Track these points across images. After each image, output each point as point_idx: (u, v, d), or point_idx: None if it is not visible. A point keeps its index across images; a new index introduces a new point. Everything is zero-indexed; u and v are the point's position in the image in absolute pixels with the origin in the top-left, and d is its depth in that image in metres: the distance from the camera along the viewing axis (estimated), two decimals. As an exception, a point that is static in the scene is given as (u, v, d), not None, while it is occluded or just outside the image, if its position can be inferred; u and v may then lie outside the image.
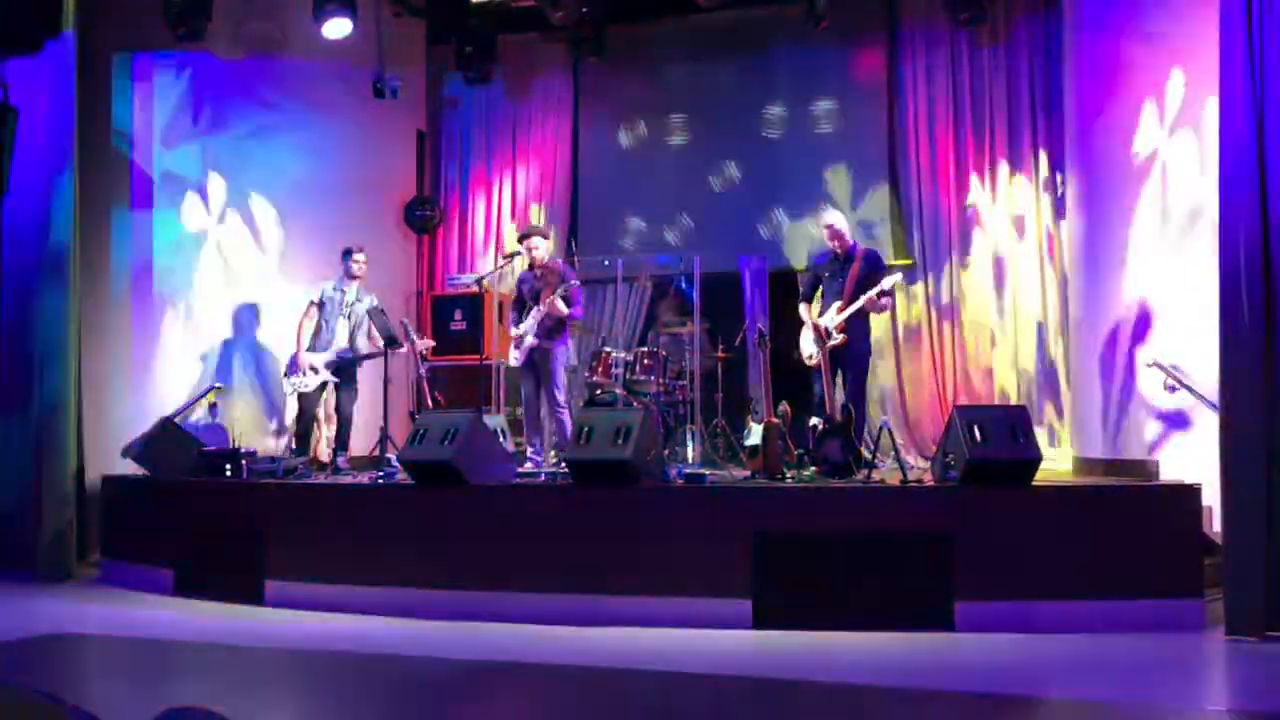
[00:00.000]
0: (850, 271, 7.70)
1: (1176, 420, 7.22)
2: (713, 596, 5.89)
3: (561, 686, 4.90)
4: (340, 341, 8.58)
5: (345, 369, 8.62)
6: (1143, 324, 7.64)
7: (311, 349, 8.55)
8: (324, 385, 8.59)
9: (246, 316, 9.64)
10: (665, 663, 5.15)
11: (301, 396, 8.63)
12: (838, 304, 7.69)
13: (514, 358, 8.18)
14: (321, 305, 8.61)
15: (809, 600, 5.82)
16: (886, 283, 7.67)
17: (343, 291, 8.64)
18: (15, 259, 8.42)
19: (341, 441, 8.66)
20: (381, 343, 8.42)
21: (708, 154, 10.93)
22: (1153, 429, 7.51)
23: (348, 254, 8.70)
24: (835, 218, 8.02)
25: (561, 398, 8.09)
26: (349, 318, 8.61)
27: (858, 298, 7.62)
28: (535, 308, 8.00)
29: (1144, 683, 4.76)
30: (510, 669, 5.19)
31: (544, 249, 8.26)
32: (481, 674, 5.13)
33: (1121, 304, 7.88)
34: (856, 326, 7.71)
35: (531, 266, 8.24)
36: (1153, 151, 7.59)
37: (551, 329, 8.04)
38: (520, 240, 8.45)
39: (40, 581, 7.75)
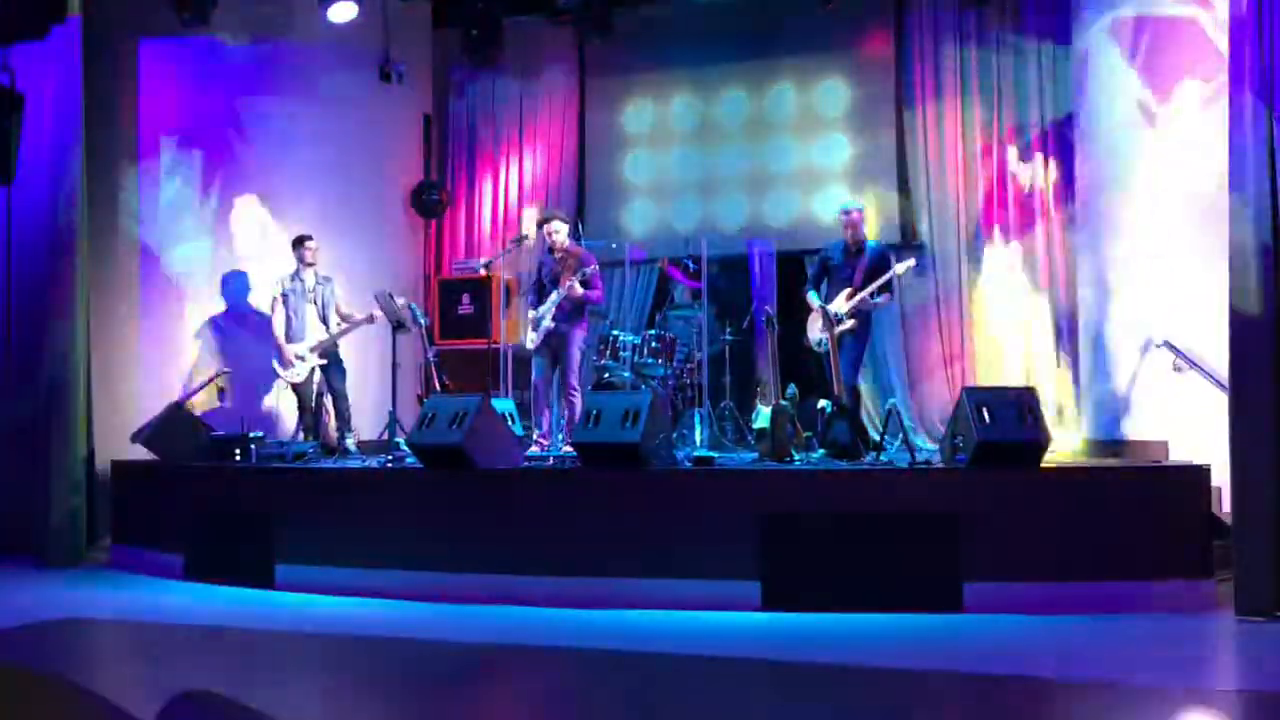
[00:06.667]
0: (860, 263, 7.78)
1: (1186, 401, 7.19)
2: (721, 578, 5.91)
3: (570, 669, 4.91)
4: (315, 327, 8.71)
5: (329, 351, 8.76)
6: (1153, 304, 7.62)
7: (288, 340, 8.68)
8: (313, 370, 8.72)
9: (255, 300, 9.64)
10: (674, 644, 5.16)
11: (296, 387, 8.73)
12: (847, 291, 7.73)
13: (530, 340, 8.17)
14: (285, 297, 8.73)
15: (818, 581, 5.83)
16: (900, 267, 7.74)
17: (301, 280, 8.76)
18: (24, 245, 8.44)
19: (343, 418, 8.75)
20: (359, 315, 8.69)
21: (714, 136, 10.88)
22: (1162, 410, 7.49)
23: (299, 242, 8.82)
24: (855, 207, 8.10)
25: (575, 381, 8.10)
26: (315, 303, 8.73)
27: (868, 285, 7.68)
28: (554, 291, 8.00)
29: (1154, 664, 4.76)
30: (519, 652, 5.21)
31: (564, 233, 8.26)
32: (491, 657, 5.15)
33: (1131, 284, 7.86)
34: (862, 315, 7.80)
35: (552, 250, 8.24)
36: (1163, 129, 7.56)
37: (570, 313, 8.04)
38: (540, 225, 8.45)
39: (50, 566, 7.78)
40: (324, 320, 8.76)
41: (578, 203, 11.17)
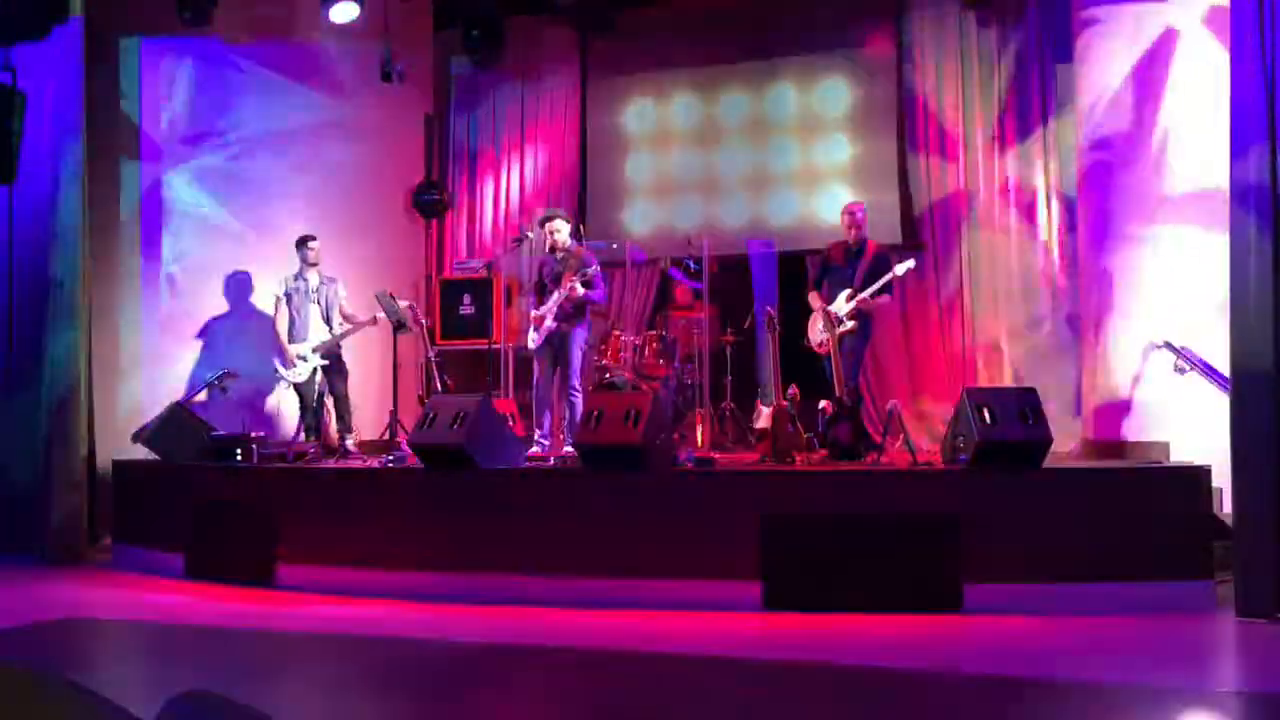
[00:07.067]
0: (860, 263, 7.76)
1: (1186, 402, 7.19)
2: (723, 579, 5.91)
3: (571, 669, 4.91)
4: (318, 327, 8.69)
5: (331, 352, 8.75)
6: (1153, 304, 7.62)
7: (291, 340, 8.66)
8: (315, 371, 8.71)
9: (256, 300, 9.64)
10: (675, 645, 5.16)
11: (298, 387, 8.73)
12: (847, 292, 7.72)
13: (531, 339, 8.17)
14: (289, 297, 8.72)
15: (819, 582, 5.82)
16: (900, 268, 7.72)
17: (305, 280, 8.75)
18: (25, 244, 8.43)
19: (344, 421, 8.74)
20: (362, 317, 8.71)
21: (716, 136, 10.89)
22: (1163, 411, 7.48)
23: (302, 243, 8.81)
24: (857, 205, 8.10)
25: (577, 381, 8.10)
26: (318, 303, 8.72)
27: (868, 286, 7.66)
28: (556, 291, 7.99)
29: (1155, 665, 4.76)
30: (520, 652, 5.20)
31: (566, 232, 8.25)
32: (492, 657, 5.14)
33: (1132, 284, 7.85)
34: (862, 316, 7.78)
35: (553, 250, 8.23)
36: (1164, 129, 7.56)
37: (571, 313, 8.03)
38: (542, 224, 8.45)
39: (51, 565, 7.78)
40: (327, 321, 8.74)
41: (579, 203, 11.18)
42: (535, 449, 7.82)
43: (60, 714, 1.32)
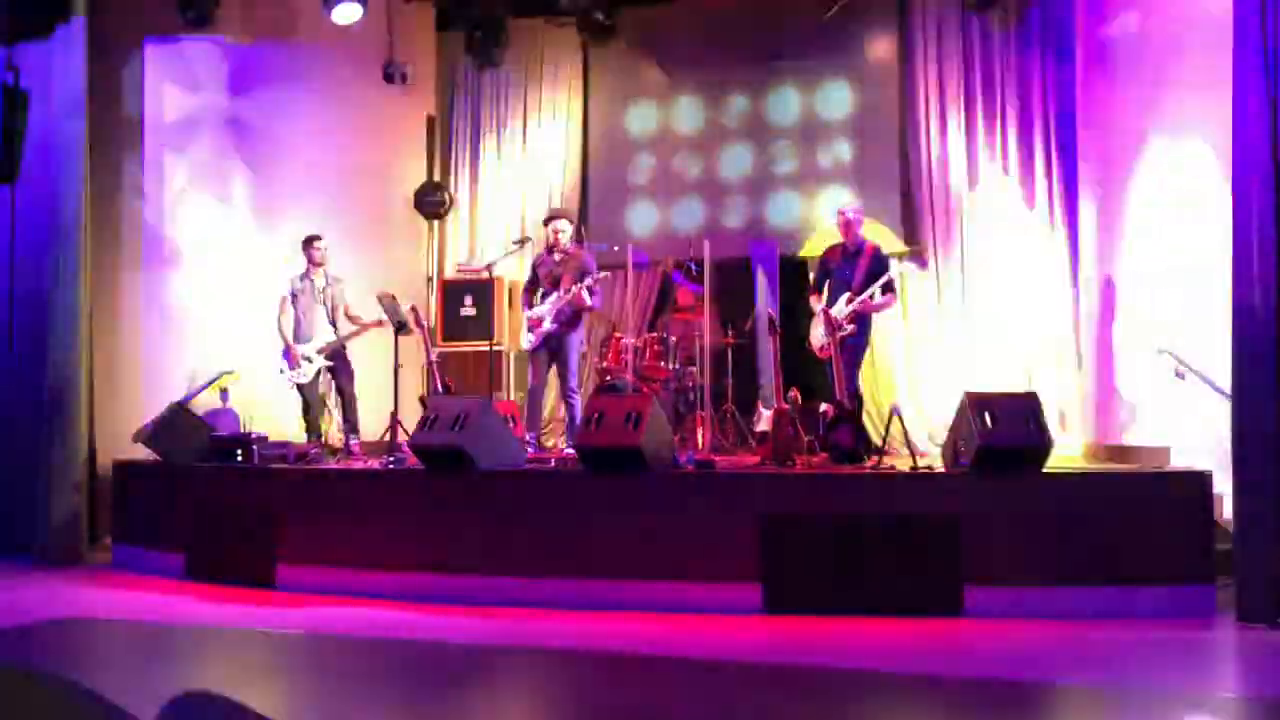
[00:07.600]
0: (858, 265, 7.75)
1: (1187, 407, 7.18)
2: (723, 581, 5.91)
3: (571, 671, 4.91)
4: (323, 328, 8.69)
5: (337, 352, 8.73)
6: (1154, 310, 7.61)
7: (296, 340, 8.67)
8: (319, 372, 8.71)
9: (257, 300, 9.63)
10: (675, 647, 5.16)
11: (301, 387, 8.72)
12: (847, 295, 7.71)
13: (526, 340, 8.14)
14: (295, 297, 8.72)
15: (819, 585, 5.83)
16: (898, 270, 7.70)
17: (311, 280, 8.76)
18: (26, 243, 8.44)
19: (351, 421, 8.74)
20: (366, 319, 8.71)
21: (717, 138, 10.90)
22: (1163, 415, 7.48)
23: (309, 243, 8.83)
24: (849, 208, 8.06)
25: (575, 383, 8.09)
26: (324, 303, 8.72)
27: (867, 288, 7.65)
28: (555, 293, 7.96)
29: (1155, 669, 4.76)
30: (520, 653, 5.20)
31: (569, 234, 8.24)
32: (491, 659, 5.14)
33: (1133, 289, 7.85)
34: (862, 318, 7.75)
35: (552, 250, 8.21)
36: (1166, 133, 7.56)
37: (570, 317, 8.02)
38: (545, 223, 8.44)
39: (51, 565, 7.78)
40: (333, 322, 8.75)
41: (581, 205, 11.18)
42: (529, 450, 7.81)
43: (60, 714, 1.32)
